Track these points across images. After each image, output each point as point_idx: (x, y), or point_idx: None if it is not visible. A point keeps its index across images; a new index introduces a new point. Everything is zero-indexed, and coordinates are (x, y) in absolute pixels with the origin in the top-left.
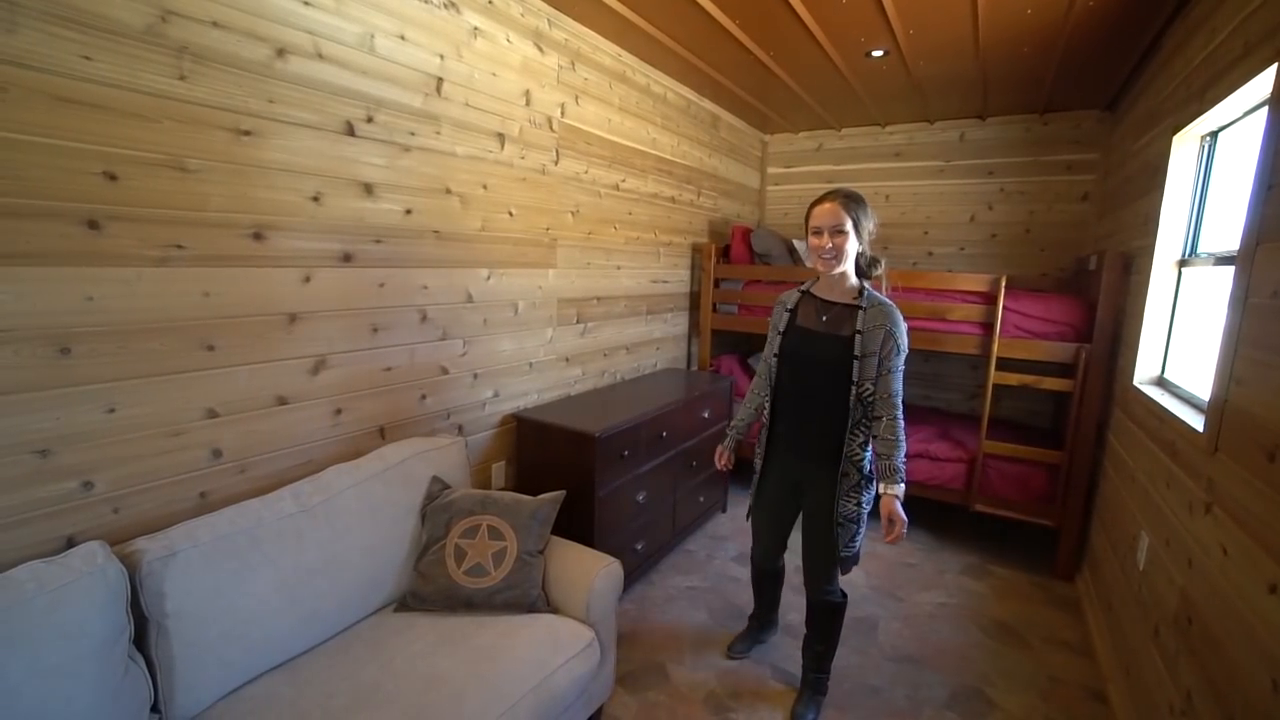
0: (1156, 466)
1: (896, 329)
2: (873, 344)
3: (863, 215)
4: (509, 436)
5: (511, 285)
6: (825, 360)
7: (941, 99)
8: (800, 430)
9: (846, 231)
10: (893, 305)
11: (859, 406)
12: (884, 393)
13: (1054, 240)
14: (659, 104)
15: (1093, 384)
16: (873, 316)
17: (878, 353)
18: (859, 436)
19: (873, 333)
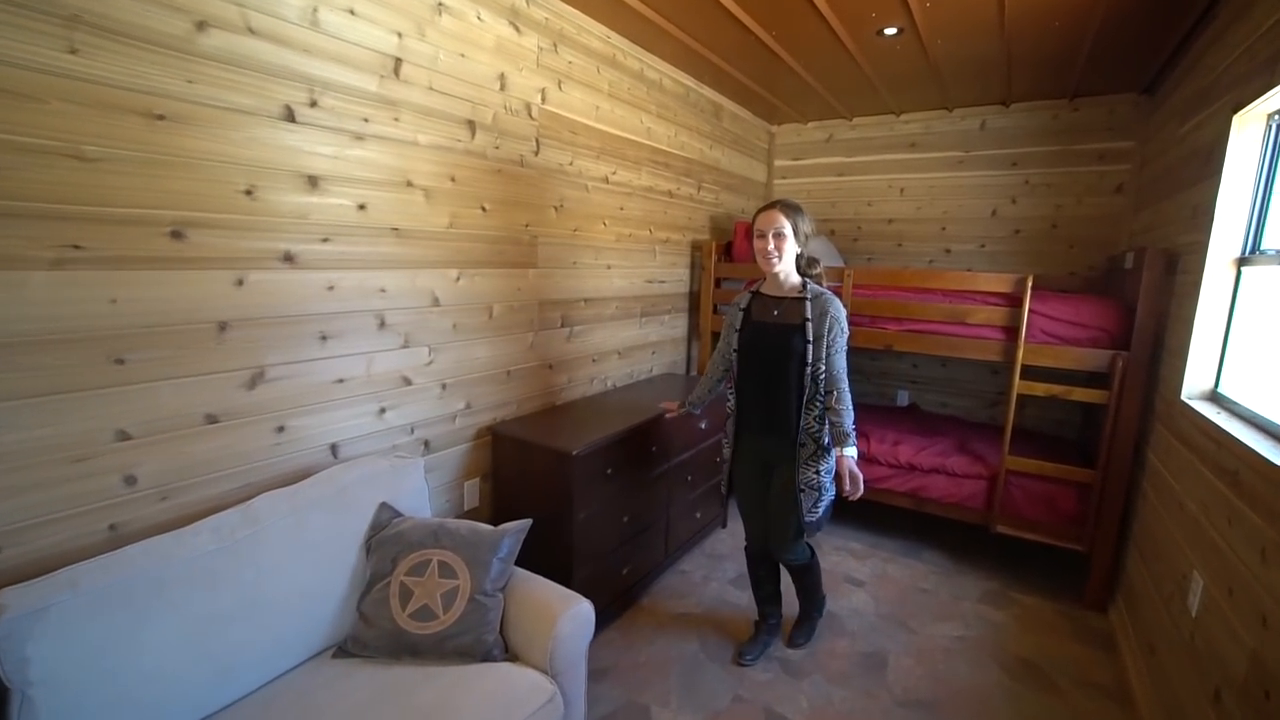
0: (1213, 497)
1: (839, 313)
2: (820, 328)
3: (799, 220)
4: (484, 451)
5: (486, 287)
6: (781, 347)
7: (961, 84)
8: (763, 411)
9: (785, 234)
10: (832, 295)
11: (812, 384)
12: (833, 370)
13: (1084, 236)
14: (654, 91)
15: (1130, 396)
16: (818, 305)
17: (825, 335)
18: (814, 410)
19: (820, 319)
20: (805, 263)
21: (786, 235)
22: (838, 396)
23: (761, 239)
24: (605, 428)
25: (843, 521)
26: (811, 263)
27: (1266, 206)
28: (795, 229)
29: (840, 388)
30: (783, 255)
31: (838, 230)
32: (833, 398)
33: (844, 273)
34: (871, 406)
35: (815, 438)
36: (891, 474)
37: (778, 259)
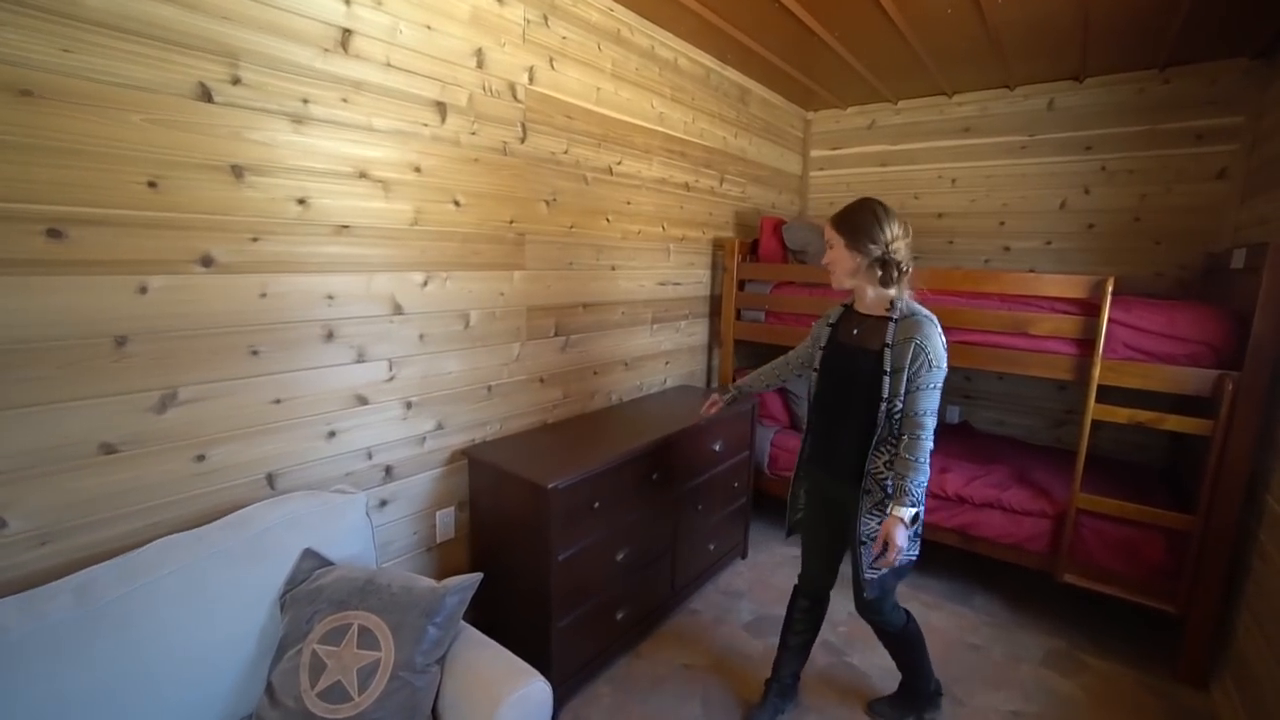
0: None
1: (927, 342)
2: (901, 358)
3: (854, 229)
4: (460, 477)
5: (460, 291)
6: (854, 374)
7: (1026, 56)
8: (829, 446)
9: (833, 246)
10: (928, 317)
11: (886, 423)
12: (910, 410)
13: (1175, 230)
14: (667, 71)
15: (1242, 426)
16: (903, 329)
17: (906, 368)
18: (883, 455)
19: (901, 346)
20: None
21: (834, 247)
22: (909, 443)
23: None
24: (600, 452)
25: None
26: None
27: None
28: (853, 240)
29: (917, 434)
30: (836, 270)
31: None
32: (902, 443)
33: None
34: None
35: (884, 485)
36: (936, 506)
37: (834, 275)
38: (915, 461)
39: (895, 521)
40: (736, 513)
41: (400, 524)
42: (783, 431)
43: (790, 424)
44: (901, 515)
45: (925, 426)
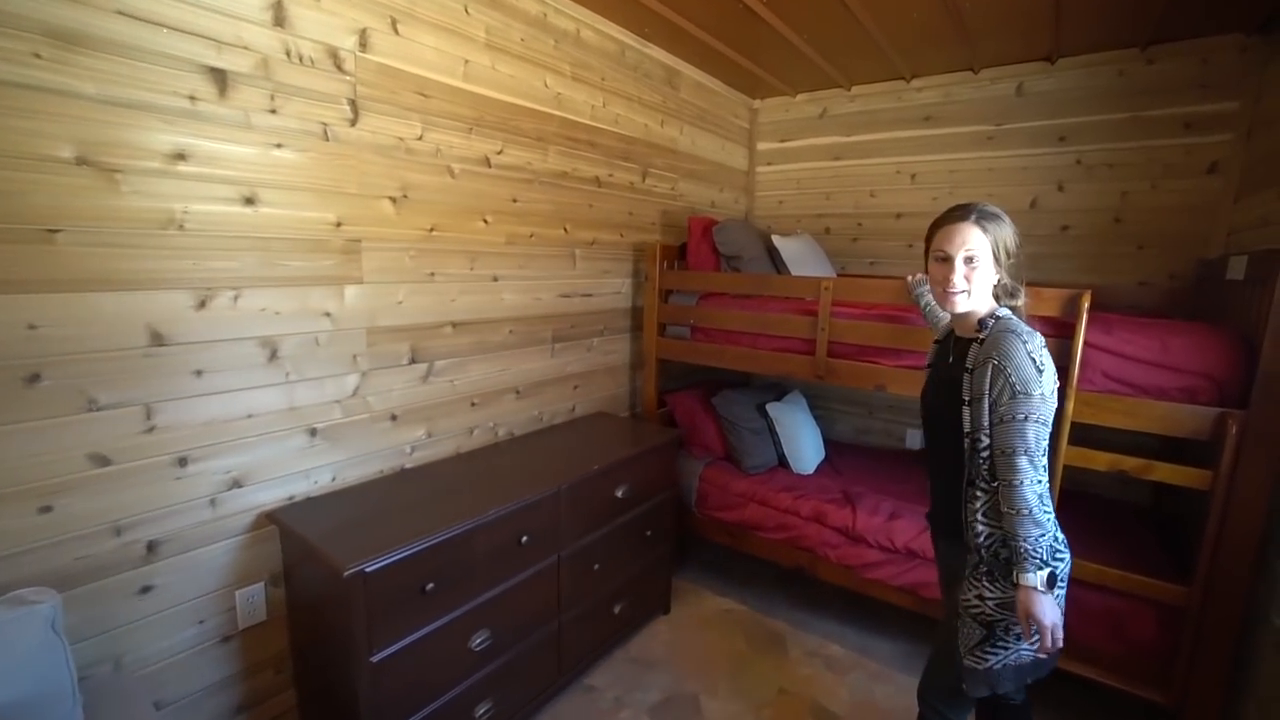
0: None
1: (1007, 361)
2: (980, 384)
3: (1001, 233)
4: (270, 544)
5: (258, 313)
6: (942, 408)
7: (991, 35)
8: (933, 493)
9: (979, 259)
10: (1014, 333)
11: (971, 463)
12: (997, 447)
13: (1161, 233)
14: (567, 45)
15: (1249, 478)
16: (986, 348)
17: (987, 394)
18: (976, 503)
19: (981, 369)
20: (1003, 290)
21: (981, 261)
22: (1003, 492)
23: (943, 265)
24: (450, 514)
25: (819, 611)
26: (1011, 291)
27: None
28: (996, 249)
29: (1008, 479)
30: (974, 290)
31: (834, 228)
32: (1000, 494)
33: (819, 285)
34: (869, 451)
35: (985, 545)
36: (884, 560)
37: (965, 297)
38: (1016, 514)
39: (1026, 592)
40: (653, 565)
41: (176, 614)
42: (715, 464)
43: (725, 454)
44: (1028, 582)
45: (1016, 468)
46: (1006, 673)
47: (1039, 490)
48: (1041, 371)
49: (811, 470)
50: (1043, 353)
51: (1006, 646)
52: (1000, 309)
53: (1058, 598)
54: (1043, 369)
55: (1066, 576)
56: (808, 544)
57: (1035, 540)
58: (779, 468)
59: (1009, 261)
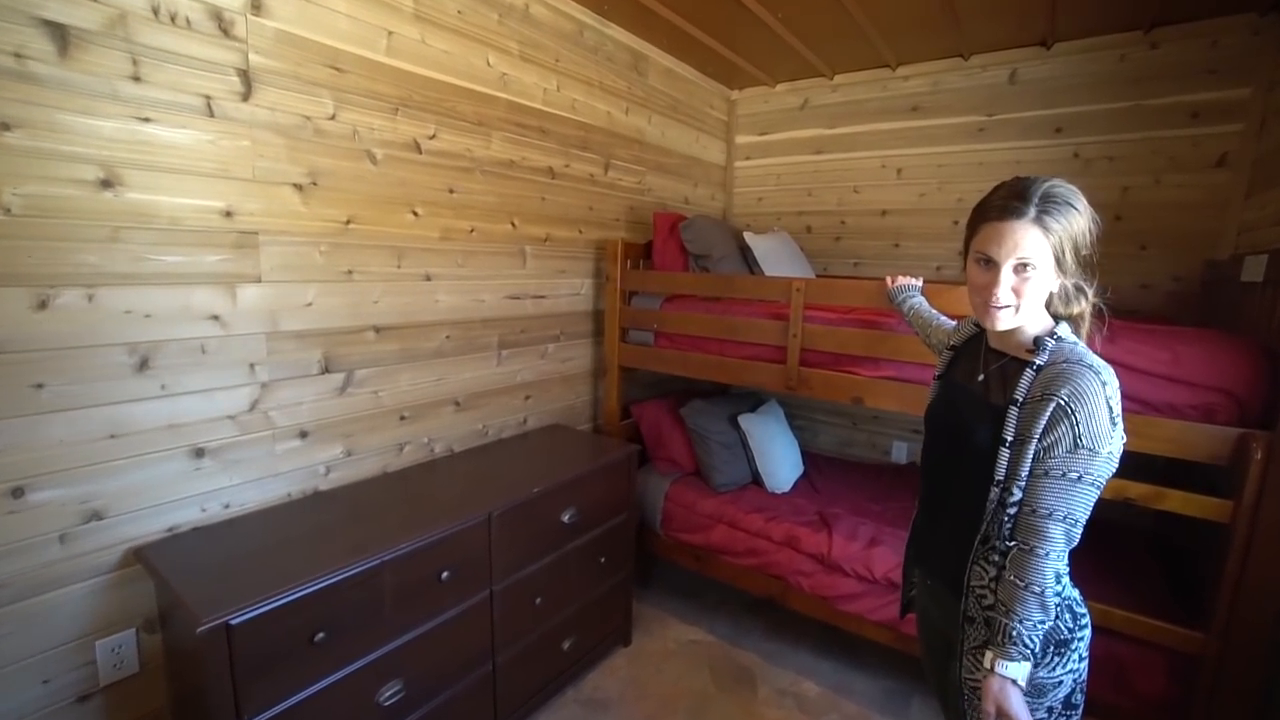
0: None
1: (1080, 405)
2: (1032, 425)
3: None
4: (141, 584)
5: (120, 314)
6: (967, 436)
7: (984, 18)
8: (930, 531)
9: (1034, 267)
10: (1091, 366)
11: (997, 517)
12: (1029, 506)
13: (1165, 232)
14: (514, 21)
15: (1276, 511)
16: (1044, 382)
17: (1036, 439)
18: (991, 569)
19: (1036, 406)
20: (1060, 294)
21: (1039, 269)
22: (1018, 557)
23: (986, 270)
24: (348, 550)
25: (793, 642)
26: (1074, 295)
27: None
28: (1060, 251)
29: (1031, 545)
30: (1023, 306)
31: (815, 226)
32: (1011, 555)
33: (791, 287)
34: (851, 466)
35: (990, 614)
36: (862, 591)
37: (1012, 313)
38: (1025, 588)
39: (1002, 682)
40: (610, 594)
41: (6, 675)
42: (683, 480)
43: (695, 470)
44: (1004, 672)
45: (1047, 537)
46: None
47: (1061, 568)
48: (1115, 425)
49: (787, 488)
50: (1119, 398)
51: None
52: (1061, 326)
53: (1076, 673)
54: (1116, 421)
55: (1088, 648)
56: (779, 571)
57: (1034, 626)
58: (751, 485)
59: (1076, 263)
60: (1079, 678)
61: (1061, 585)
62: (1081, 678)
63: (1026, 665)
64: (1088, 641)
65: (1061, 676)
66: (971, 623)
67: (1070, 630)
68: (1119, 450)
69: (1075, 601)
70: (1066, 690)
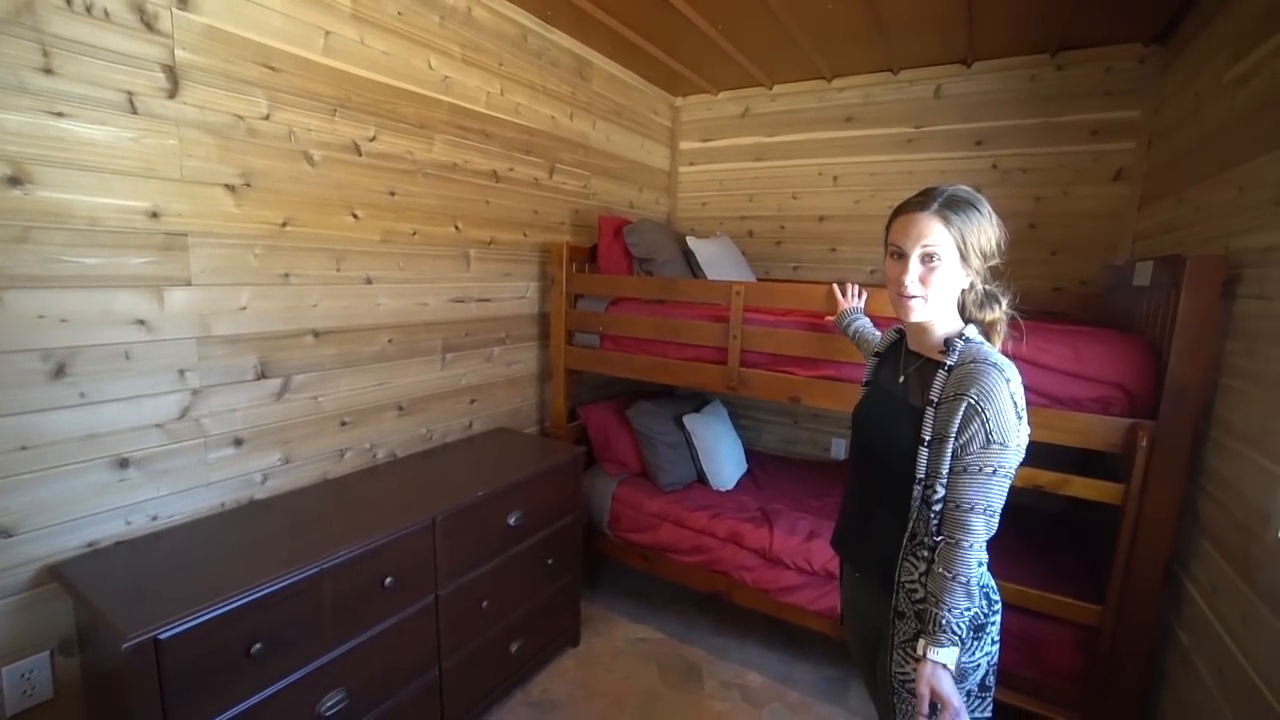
0: None
1: (988, 403)
2: (948, 423)
3: (971, 226)
4: (59, 604)
5: (33, 319)
6: (892, 438)
7: (909, 34)
8: (859, 528)
9: (939, 258)
10: (996, 365)
11: (922, 514)
12: (953, 502)
13: (1072, 239)
14: (455, 24)
15: (1159, 494)
16: (955, 381)
17: (953, 437)
18: (920, 564)
19: (950, 405)
20: (976, 300)
21: (942, 260)
22: (944, 550)
23: (898, 262)
24: (286, 558)
25: (739, 637)
26: (986, 302)
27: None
28: (964, 246)
29: (956, 538)
30: (930, 296)
31: (757, 231)
32: (939, 550)
33: (730, 290)
34: (793, 463)
35: (920, 608)
36: (802, 584)
37: (922, 303)
38: (952, 578)
39: (935, 668)
40: (558, 596)
41: None
42: (630, 481)
43: (642, 470)
44: (936, 658)
45: (969, 529)
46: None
47: (983, 556)
48: (1021, 418)
49: (731, 486)
50: (1021, 393)
51: None
52: (969, 328)
53: (990, 655)
54: (1021, 415)
55: (999, 631)
56: (723, 567)
57: (961, 613)
58: (697, 484)
59: (984, 264)
60: (992, 660)
61: (980, 572)
62: (994, 660)
63: (956, 650)
64: (998, 625)
65: (979, 660)
66: (902, 617)
67: (986, 615)
68: (1025, 442)
69: (991, 588)
70: (982, 673)
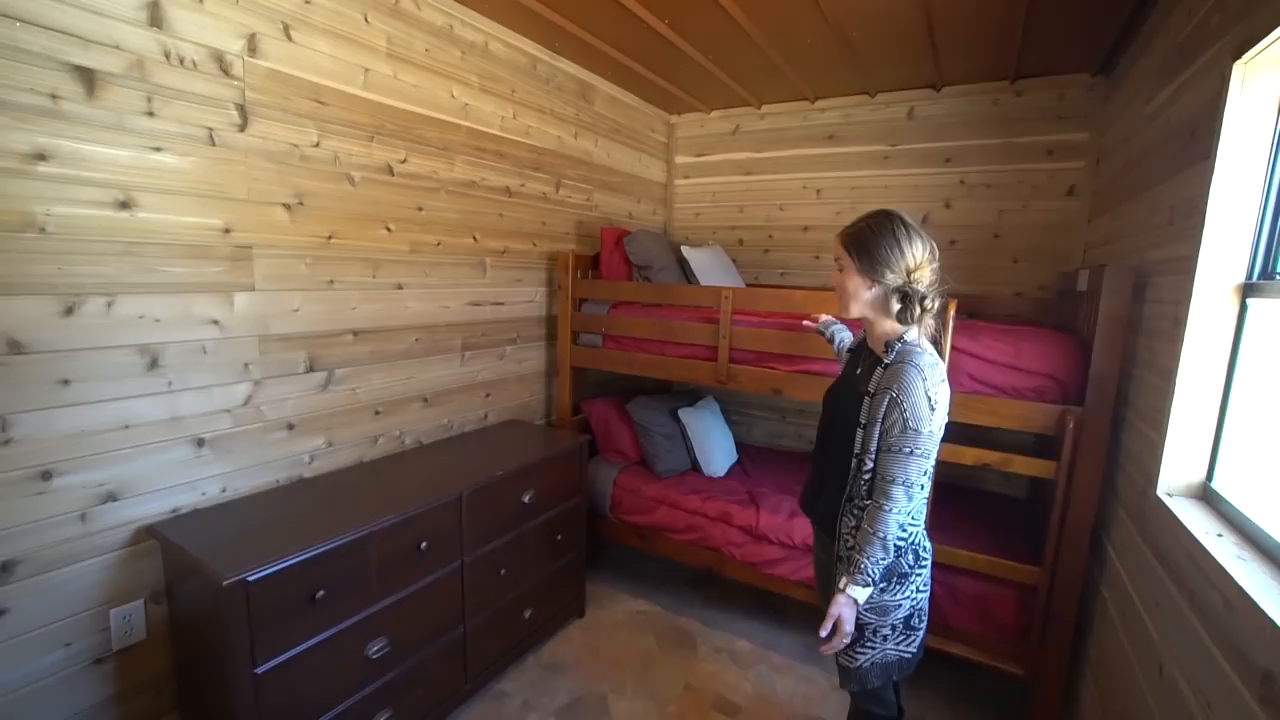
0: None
1: (905, 396)
2: (877, 410)
3: (870, 250)
4: (150, 559)
5: (136, 320)
6: (841, 418)
7: (882, 63)
8: (819, 488)
9: (843, 268)
10: (916, 365)
11: (857, 481)
12: (879, 473)
13: (1031, 248)
14: (475, 56)
15: (1085, 469)
16: (885, 377)
17: (879, 422)
18: (850, 518)
19: (880, 396)
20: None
21: (844, 269)
22: (871, 511)
23: None
24: (342, 521)
25: (728, 609)
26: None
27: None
28: (868, 265)
29: (880, 503)
30: (843, 296)
31: (747, 240)
32: (867, 510)
33: (720, 295)
34: (779, 454)
35: (849, 553)
36: (784, 557)
37: (842, 298)
38: (872, 534)
39: (847, 600)
40: (565, 570)
41: (35, 639)
42: (629, 469)
43: (640, 459)
44: (848, 591)
45: (891, 496)
46: (875, 670)
47: (902, 520)
48: (934, 410)
49: (722, 473)
50: (938, 388)
51: (874, 646)
52: (908, 333)
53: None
54: (935, 407)
55: (927, 582)
56: (714, 544)
57: (876, 562)
58: (691, 471)
59: (894, 276)
60: (916, 604)
61: (907, 533)
62: (920, 605)
63: (867, 590)
64: (926, 579)
65: (900, 600)
66: (840, 562)
67: (911, 567)
68: (939, 429)
69: (922, 547)
70: (905, 613)
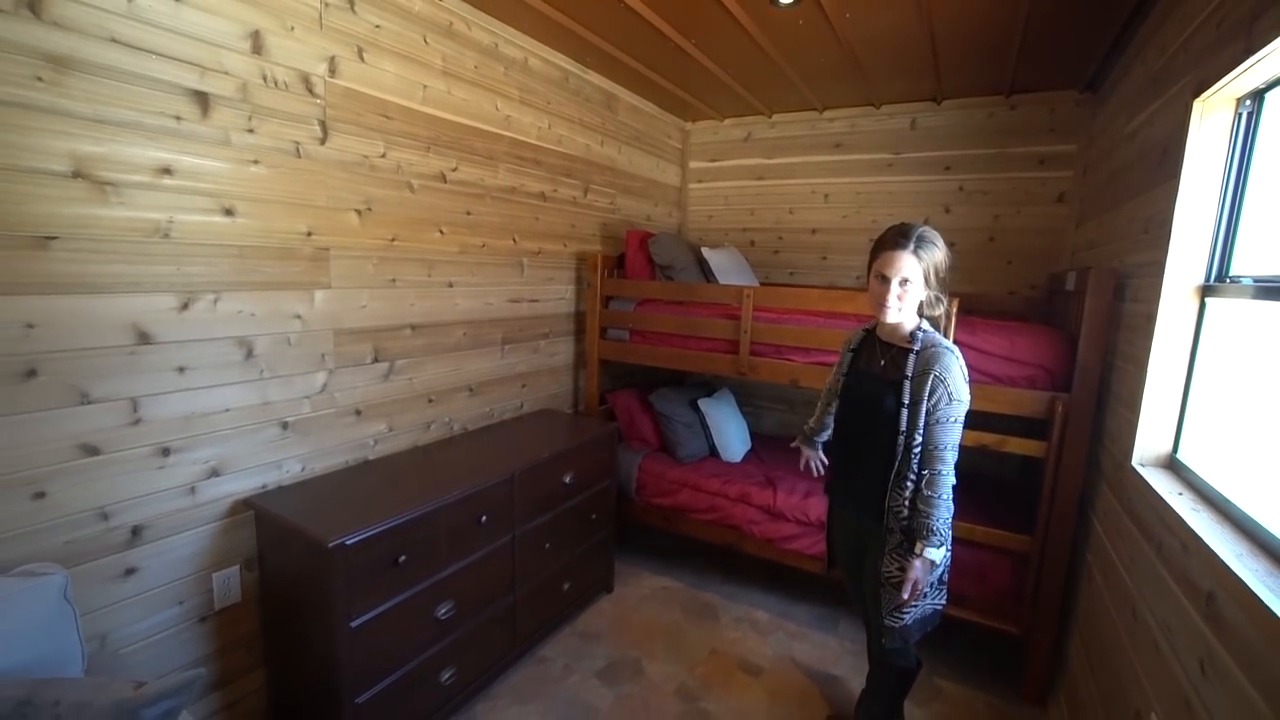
0: (1179, 620)
1: (947, 374)
2: (920, 391)
3: (933, 259)
4: (244, 529)
5: (236, 315)
6: (874, 406)
7: (887, 77)
8: (851, 480)
9: (913, 282)
10: (948, 348)
11: (905, 457)
12: (930, 445)
13: (1024, 250)
14: (515, 72)
15: (1072, 448)
16: (923, 360)
17: (925, 400)
18: (903, 490)
19: (921, 378)
20: (928, 302)
21: (914, 284)
22: (930, 479)
23: (883, 284)
24: (411, 497)
25: (746, 584)
26: (935, 303)
27: (1236, 220)
28: (928, 273)
29: (937, 469)
30: (904, 308)
31: (757, 241)
32: (924, 479)
33: (742, 293)
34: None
35: (905, 525)
36: (800, 533)
37: (897, 310)
38: (936, 498)
39: (926, 562)
40: (597, 547)
41: (157, 595)
42: (652, 455)
43: (661, 446)
44: (929, 556)
45: (945, 461)
46: (915, 625)
47: (953, 481)
48: (966, 382)
49: (739, 459)
50: (965, 366)
51: (917, 604)
52: (924, 323)
53: (939, 581)
54: (966, 380)
55: (947, 571)
56: (734, 522)
57: (945, 521)
58: (709, 457)
59: (937, 281)
60: (948, 563)
61: None
62: (948, 563)
63: (942, 549)
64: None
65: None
66: (891, 533)
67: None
68: (969, 398)
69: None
70: (942, 569)
